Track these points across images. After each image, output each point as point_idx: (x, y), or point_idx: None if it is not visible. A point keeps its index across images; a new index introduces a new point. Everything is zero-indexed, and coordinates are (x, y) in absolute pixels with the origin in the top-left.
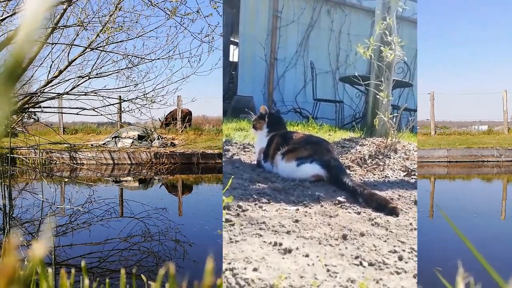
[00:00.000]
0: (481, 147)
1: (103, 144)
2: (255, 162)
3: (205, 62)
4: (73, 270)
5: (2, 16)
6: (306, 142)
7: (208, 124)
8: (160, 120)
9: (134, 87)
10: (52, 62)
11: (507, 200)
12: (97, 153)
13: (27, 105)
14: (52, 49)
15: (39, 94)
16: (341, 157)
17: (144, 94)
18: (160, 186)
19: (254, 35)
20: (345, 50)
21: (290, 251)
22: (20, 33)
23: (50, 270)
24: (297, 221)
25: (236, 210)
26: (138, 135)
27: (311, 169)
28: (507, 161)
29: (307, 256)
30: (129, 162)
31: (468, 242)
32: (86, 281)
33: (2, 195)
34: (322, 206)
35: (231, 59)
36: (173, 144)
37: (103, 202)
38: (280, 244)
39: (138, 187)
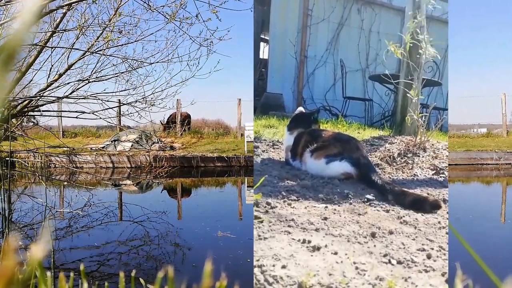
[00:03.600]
0: (480, 150)
1: (102, 147)
2: (284, 160)
3: (203, 66)
4: (72, 274)
5: (2, 20)
6: (336, 139)
7: (207, 128)
8: (162, 124)
9: (134, 90)
10: (52, 65)
11: (506, 203)
12: (96, 157)
13: (26, 109)
14: (51, 52)
15: (38, 97)
16: (370, 155)
17: (143, 98)
18: (162, 190)
19: (285, 33)
20: (374, 48)
21: (318, 248)
22: (14, 32)
23: (49, 273)
24: (325, 218)
25: (265, 207)
26: (136, 139)
27: (340, 167)
28: (506, 163)
29: (335, 253)
30: (128, 165)
31: (467, 244)
32: (85, 285)
33: (2, 198)
34: (351, 204)
35: (261, 56)
36: (172, 148)
37: (102, 205)
38: (309, 242)
39: (138, 190)
